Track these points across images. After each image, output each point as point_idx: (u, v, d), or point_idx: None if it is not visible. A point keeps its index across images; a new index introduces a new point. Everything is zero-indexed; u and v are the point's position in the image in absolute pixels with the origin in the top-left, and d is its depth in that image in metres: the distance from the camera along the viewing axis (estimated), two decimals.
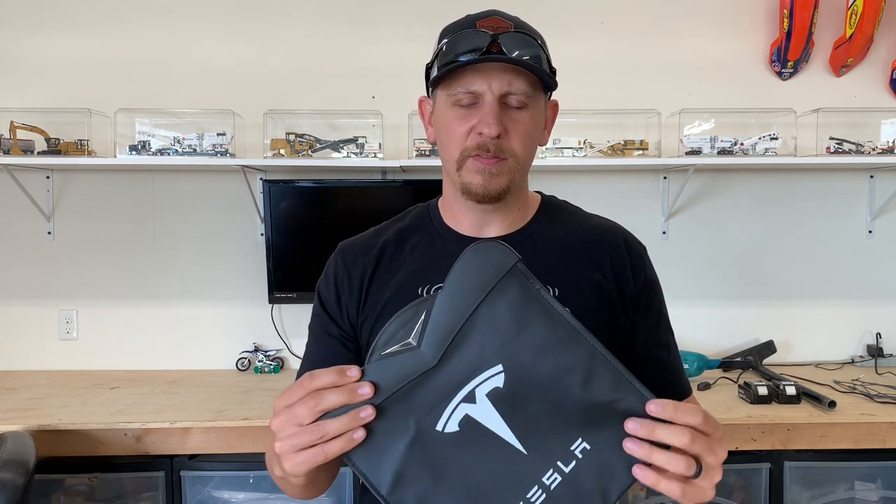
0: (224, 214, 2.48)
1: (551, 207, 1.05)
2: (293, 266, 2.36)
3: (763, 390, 1.97)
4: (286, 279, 2.36)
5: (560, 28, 2.41)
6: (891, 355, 2.48)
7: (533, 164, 0.98)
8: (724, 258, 2.52)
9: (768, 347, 2.46)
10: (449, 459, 0.68)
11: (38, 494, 1.88)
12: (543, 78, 0.91)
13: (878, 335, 2.50)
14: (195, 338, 2.50)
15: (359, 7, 2.44)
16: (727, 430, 1.85)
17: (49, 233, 2.47)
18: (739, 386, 2.09)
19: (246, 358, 2.46)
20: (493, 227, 1.00)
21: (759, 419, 1.87)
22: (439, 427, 0.68)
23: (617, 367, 0.69)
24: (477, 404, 0.68)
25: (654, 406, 0.67)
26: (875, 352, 2.47)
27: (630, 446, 0.66)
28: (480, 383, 0.68)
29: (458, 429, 0.68)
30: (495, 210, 0.98)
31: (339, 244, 1.06)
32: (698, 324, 2.49)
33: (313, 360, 1.01)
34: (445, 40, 0.92)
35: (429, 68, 0.96)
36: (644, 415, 0.67)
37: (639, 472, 0.66)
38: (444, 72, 0.89)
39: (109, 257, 2.48)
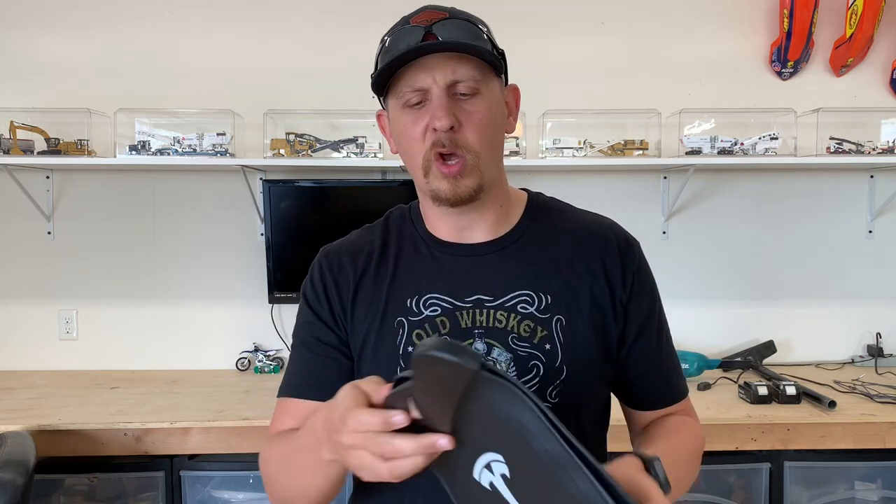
0: (224, 214, 2.48)
1: (539, 206, 1.00)
2: (293, 266, 2.35)
3: (763, 390, 1.97)
4: (286, 279, 2.36)
5: (560, 28, 2.41)
6: (891, 355, 2.48)
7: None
8: (724, 258, 2.52)
9: (768, 347, 2.46)
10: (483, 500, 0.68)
11: (38, 494, 1.88)
12: (487, 59, 0.86)
13: (878, 335, 2.50)
14: (195, 338, 2.49)
15: (359, 7, 2.44)
16: (727, 431, 1.85)
17: (49, 233, 2.47)
18: (739, 386, 2.08)
19: (246, 358, 2.46)
20: (475, 231, 0.95)
21: (759, 419, 1.87)
22: (475, 475, 0.67)
23: (587, 474, 0.63)
24: (494, 475, 0.67)
25: None
26: (875, 352, 2.47)
27: None
28: (490, 462, 0.66)
29: (489, 488, 0.67)
30: (472, 211, 0.93)
31: (322, 249, 1.03)
32: (698, 324, 2.49)
33: (307, 369, 0.99)
34: (382, 43, 0.90)
35: (373, 78, 0.90)
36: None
37: None
38: (384, 73, 0.86)
39: (109, 257, 2.48)
